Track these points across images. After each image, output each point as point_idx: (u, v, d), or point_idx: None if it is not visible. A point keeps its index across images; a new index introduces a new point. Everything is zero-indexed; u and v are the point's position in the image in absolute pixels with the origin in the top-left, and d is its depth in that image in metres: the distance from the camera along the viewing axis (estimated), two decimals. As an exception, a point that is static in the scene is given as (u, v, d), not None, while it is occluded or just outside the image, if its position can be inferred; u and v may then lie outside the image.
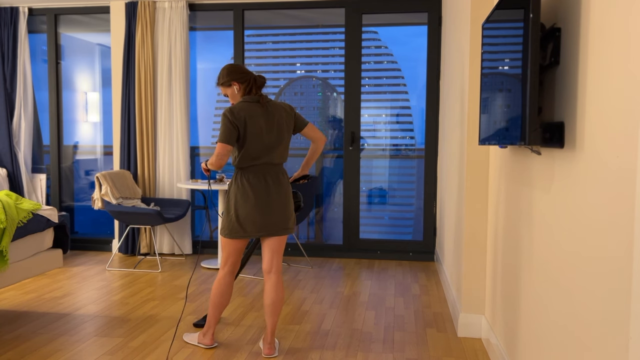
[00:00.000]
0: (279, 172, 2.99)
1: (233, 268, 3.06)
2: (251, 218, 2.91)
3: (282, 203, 2.97)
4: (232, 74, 2.98)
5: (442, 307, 3.91)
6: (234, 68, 3.00)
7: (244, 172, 2.94)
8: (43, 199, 5.75)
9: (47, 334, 3.33)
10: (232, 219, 2.94)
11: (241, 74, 2.99)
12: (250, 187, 2.91)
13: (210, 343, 3.14)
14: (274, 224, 2.96)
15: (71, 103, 5.87)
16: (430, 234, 5.39)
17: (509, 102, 2.09)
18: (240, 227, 2.93)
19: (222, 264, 3.06)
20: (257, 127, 2.90)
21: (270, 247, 3.03)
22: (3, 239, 4.10)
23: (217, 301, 3.07)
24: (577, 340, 1.67)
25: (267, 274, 3.05)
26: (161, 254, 5.53)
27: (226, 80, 2.99)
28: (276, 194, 2.95)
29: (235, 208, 2.93)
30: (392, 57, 5.42)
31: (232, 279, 3.08)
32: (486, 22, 2.59)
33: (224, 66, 3.04)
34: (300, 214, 4.74)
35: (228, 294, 3.08)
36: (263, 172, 2.94)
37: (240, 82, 2.99)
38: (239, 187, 2.93)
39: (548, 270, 1.99)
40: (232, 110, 2.89)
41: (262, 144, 2.91)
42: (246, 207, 2.91)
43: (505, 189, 2.77)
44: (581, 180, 1.66)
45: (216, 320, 3.12)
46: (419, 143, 5.44)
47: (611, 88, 1.46)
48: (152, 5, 5.31)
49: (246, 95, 2.98)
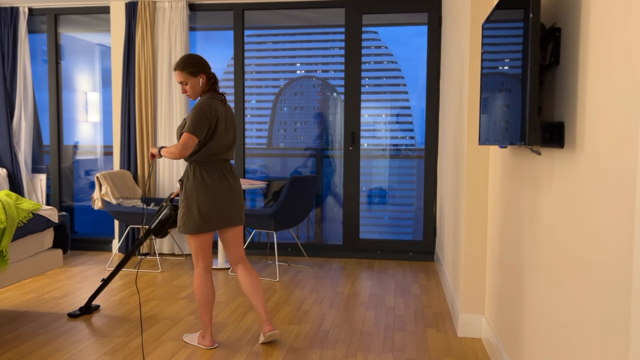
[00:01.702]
0: (231, 167, 3.11)
1: (206, 264, 3.08)
2: (215, 210, 2.98)
3: (238, 195, 3.10)
4: (202, 66, 2.99)
5: (442, 307, 3.91)
6: (202, 60, 3.01)
7: (203, 166, 2.99)
8: (43, 199, 5.75)
9: (47, 334, 3.33)
10: (194, 214, 2.96)
11: (209, 68, 3.03)
12: (211, 180, 2.98)
13: (211, 344, 3.13)
14: (233, 215, 3.06)
15: (71, 103, 5.87)
16: (430, 234, 5.39)
17: (509, 102, 2.09)
18: (205, 221, 2.97)
19: (195, 262, 3.09)
20: (221, 126, 2.99)
21: (233, 240, 3.15)
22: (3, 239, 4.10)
23: (202, 300, 3.09)
24: (577, 341, 1.67)
25: (235, 265, 3.18)
26: (161, 254, 5.53)
27: (195, 70, 2.97)
28: (233, 187, 3.06)
29: (197, 203, 2.96)
30: (392, 57, 5.42)
31: (209, 275, 3.10)
32: (486, 22, 2.59)
33: (188, 54, 3.01)
34: (299, 214, 4.74)
35: (211, 290, 3.10)
36: (220, 167, 3.03)
37: (208, 76, 3.02)
38: (200, 182, 2.97)
39: (548, 270, 1.99)
40: (209, 106, 2.94)
41: (223, 142, 3.02)
42: (209, 201, 2.96)
43: (505, 189, 2.77)
44: (581, 180, 1.66)
45: (209, 320, 3.12)
46: (419, 143, 5.44)
47: (611, 88, 1.46)
48: (152, 5, 5.32)
49: (211, 92, 3.02)
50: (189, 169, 3.00)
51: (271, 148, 5.69)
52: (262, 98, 5.63)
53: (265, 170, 5.69)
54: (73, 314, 3.62)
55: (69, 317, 3.62)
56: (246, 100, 5.61)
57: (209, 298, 3.09)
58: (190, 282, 4.49)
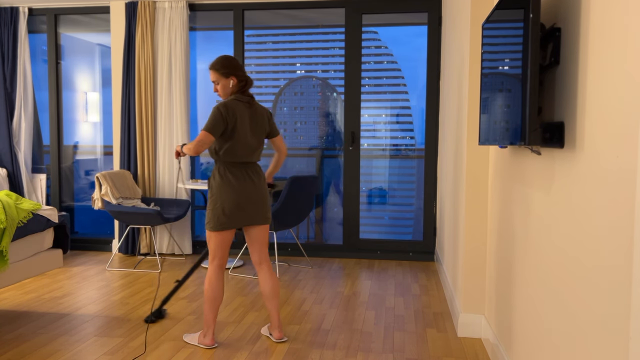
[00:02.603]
0: (257, 168, 3.15)
1: (221, 262, 3.13)
2: (238, 208, 3.04)
3: (262, 195, 3.14)
4: (234, 68, 3.07)
5: (442, 307, 3.91)
6: (236, 63, 3.09)
7: (227, 166, 3.06)
8: (43, 199, 5.75)
9: (47, 334, 3.33)
10: (217, 211, 3.03)
11: (242, 71, 3.11)
12: (235, 179, 3.04)
13: (211, 343, 3.14)
14: (256, 213, 3.11)
15: (71, 103, 5.87)
16: (430, 234, 5.39)
17: (509, 102, 2.09)
18: (227, 218, 3.03)
19: (211, 259, 3.13)
20: (244, 128, 3.04)
21: (257, 239, 3.19)
22: (3, 239, 4.10)
23: (210, 296, 3.11)
24: (578, 340, 1.67)
25: (258, 266, 3.22)
26: (161, 254, 5.53)
27: (227, 72, 3.06)
28: (257, 186, 3.11)
29: (221, 200, 3.03)
30: (392, 57, 5.42)
31: (222, 274, 3.14)
32: (486, 22, 2.59)
33: (225, 55, 3.10)
34: (299, 214, 4.74)
35: (221, 289, 3.13)
36: (245, 168, 3.09)
37: (239, 79, 3.09)
38: (224, 180, 3.04)
39: (548, 270, 1.99)
40: (226, 106, 3.00)
41: (246, 144, 3.06)
42: (232, 199, 3.02)
43: (505, 189, 2.77)
44: (581, 180, 1.66)
45: (214, 319, 3.13)
46: (419, 143, 5.44)
47: (611, 88, 1.46)
48: (152, 5, 5.31)
49: (238, 94, 3.08)
50: (215, 169, 3.09)
51: (271, 148, 5.68)
52: (262, 98, 5.63)
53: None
54: (149, 320, 3.51)
55: (145, 322, 3.51)
56: (246, 100, 5.61)
57: (217, 296, 3.11)
58: (190, 282, 4.49)
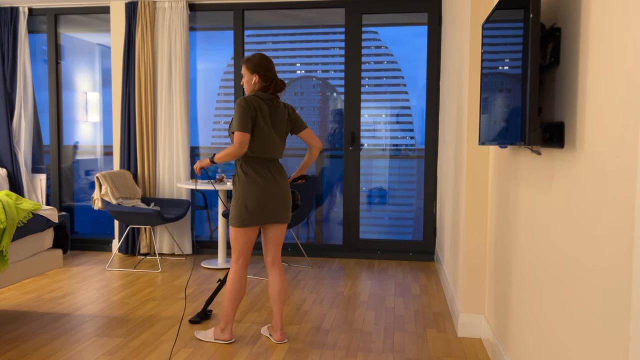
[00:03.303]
0: (278, 165, 3.15)
1: (246, 261, 3.14)
2: (261, 206, 3.04)
3: (284, 192, 3.13)
4: (259, 67, 3.09)
5: (442, 307, 3.91)
6: (264, 63, 3.10)
7: (250, 162, 3.06)
8: (43, 199, 5.75)
9: (47, 334, 3.33)
10: (241, 208, 3.04)
11: (266, 72, 3.10)
12: (258, 176, 3.04)
13: (229, 338, 3.21)
14: (278, 211, 3.11)
15: (71, 103, 5.87)
16: (430, 234, 5.39)
17: (509, 102, 2.09)
18: (250, 215, 3.04)
19: (235, 258, 3.13)
20: (265, 123, 3.05)
21: (274, 238, 3.19)
22: (3, 239, 4.10)
23: (234, 295, 3.14)
24: (578, 340, 1.67)
25: (271, 266, 3.23)
26: (161, 254, 5.53)
27: (252, 68, 3.09)
28: (279, 184, 3.10)
29: (244, 197, 3.03)
30: (392, 57, 5.42)
31: (246, 272, 3.17)
32: (486, 22, 2.59)
33: (260, 54, 3.13)
34: (299, 215, 4.74)
35: (244, 287, 3.18)
36: (266, 164, 3.09)
37: (262, 78, 3.10)
38: (248, 177, 3.04)
39: (548, 270, 1.99)
40: (245, 100, 3.02)
41: (267, 140, 3.06)
42: (255, 196, 3.03)
43: (505, 189, 2.77)
44: (581, 180, 1.66)
45: (234, 315, 3.20)
46: (419, 143, 5.44)
47: (611, 88, 1.46)
48: (152, 5, 5.32)
49: (260, 92, 3.09)
50: (238, 165, 3.10)
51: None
52: (262, 98, 5.62)
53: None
54: (194, 321, 3.53)
55: (190, 323, 3.52)
56: (246, 100, 5.61)
57: (241, 294, 3.16)
58: (190, 282, 4.49)
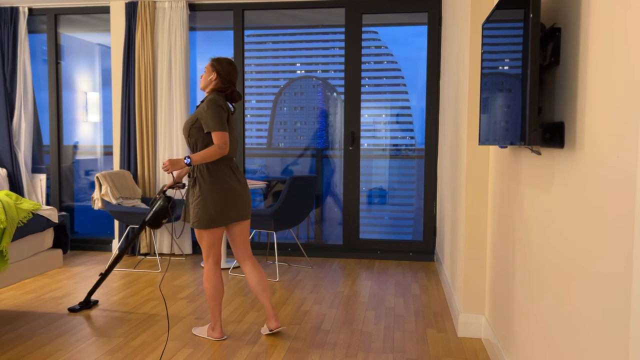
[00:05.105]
0: (236, 164, 3.23)
1: (216, 259, 3.19)
2: (229, 204, 3.09)
3: (247, 190, 3.22)
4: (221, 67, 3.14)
5: (442, 307, 3.91)
6: (227, 66, 3.15)
7: (217, 163, 3.09)
8: (43, 199, 5.75)
9: (47, 334, 3.33)
10: (210, 210, 3.06)
11: (226, 76, 3.15)
12: (224, 176, 3.09)
13: (220, 336, 3.24)
14: (243, 208, 3.18)
15: (71, 103, 5.87)
16: (430, 234, 5.39)
17: (509, 102, 2.09)
18: (218, 215, 3.07)
19: (206, 257, 3.18)
20: (229, 124, 3.15)
21: (240, 235, 3.25)
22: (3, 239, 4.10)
23: (213, 293, 3.20)
24: (578, 340, 1.67)
25: (242, 262, 3.28)
26: (161, 254, 5.53)
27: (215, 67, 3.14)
28: (242, 181, 3.19)
29: (213, 198, 3.06)
30: (392, 57, 5.42)
31: (219, 270, 3.21)
32: (486, 22, 2.59)
33: (231, 60, 3.18)
34: (299, 215, 4.74)
35: (220, 284, 3.21)
36: (229, 164, 3.15)
37: (221, 81, 3.15)
38: (216, 178, 3.07)
39: (548, 270, 1.99)
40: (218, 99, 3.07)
41: (234, 141, 3.19)
42: (224, 196, 3.07)
43: (505, 189, 2.77)
44: (581, 180, 1.66)
45: (220, 313, 3.24)
46: (419, 143, 5.44)
47: (611, 88, 1.46)
48: (152, 5, 5.31)
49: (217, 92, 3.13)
50: (202, 166, 3.09)
51: (271, 148, 5.69)
52: (262, 98, 5.63)
53: (265, 170, 5.69)
54: (73, 309, 3.73)
55: (69, 311, 3.72)
56: (246, 100, 5.61)
57: (218, 291, 3.20)
58: (190, 282, 4.49)
